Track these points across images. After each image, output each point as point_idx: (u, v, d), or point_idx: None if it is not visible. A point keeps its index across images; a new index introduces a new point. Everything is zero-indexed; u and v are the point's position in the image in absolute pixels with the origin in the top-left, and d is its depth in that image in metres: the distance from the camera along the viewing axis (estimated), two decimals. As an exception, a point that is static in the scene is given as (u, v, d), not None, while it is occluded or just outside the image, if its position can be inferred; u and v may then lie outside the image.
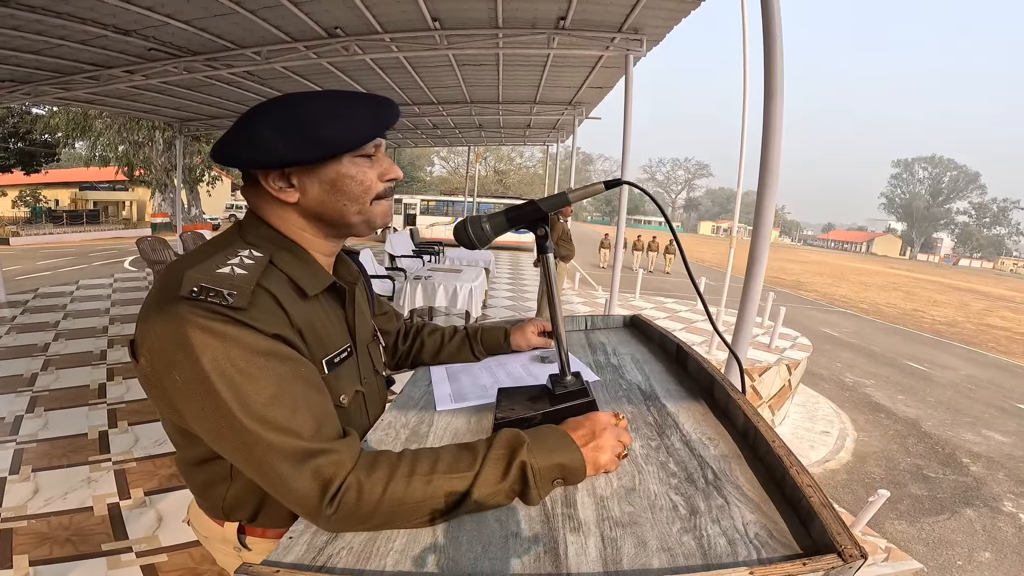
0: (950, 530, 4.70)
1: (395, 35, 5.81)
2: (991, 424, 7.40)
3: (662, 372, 1.03)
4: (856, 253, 76.82)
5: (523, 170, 45.58)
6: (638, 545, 0.55)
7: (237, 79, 7.53)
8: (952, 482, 5.60)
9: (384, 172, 0.80)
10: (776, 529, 0.56)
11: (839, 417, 7.04)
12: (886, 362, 10.46)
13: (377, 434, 0.83)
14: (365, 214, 0.80)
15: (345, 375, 0.81)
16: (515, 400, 0.86)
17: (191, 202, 24.38)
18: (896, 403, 7.86)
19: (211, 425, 0.63)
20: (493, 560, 0.55)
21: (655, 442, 0.75)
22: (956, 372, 10.36)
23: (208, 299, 0.62)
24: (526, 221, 0.83)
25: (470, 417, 0.89)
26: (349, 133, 0.74)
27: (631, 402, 0.89)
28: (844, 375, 9.05)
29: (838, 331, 13.17)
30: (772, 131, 2.56)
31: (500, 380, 1.02)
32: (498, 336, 1.20)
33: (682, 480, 0.65)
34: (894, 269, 44.30)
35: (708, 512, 0.59)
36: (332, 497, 0.60)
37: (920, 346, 12.68)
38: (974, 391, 9.07)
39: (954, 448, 6.42)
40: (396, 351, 1.19)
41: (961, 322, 17.59)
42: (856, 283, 26.83)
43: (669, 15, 5.07)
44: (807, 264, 37.23)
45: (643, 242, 20.81)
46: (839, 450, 6.08)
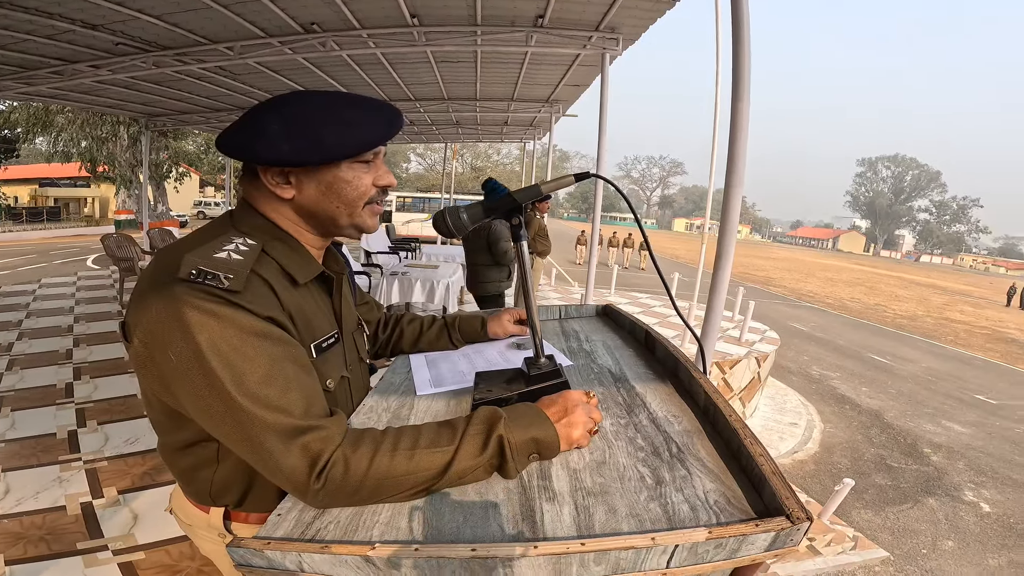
0: (914, 519, 4.84)
1: (373, 31, 5.77)
2: (950, 415, 7.69)
3: (632, 356, 1.09)
4: (823, 250, 79.06)
5: (500, 167, 45.56)
6: (609, 512, 0.59)
7: (208, 74, 7.37)
8: (914, 472, 5.78)
9: (379, 178, 0.83)
10: (733, 496, 0.61)
11: (807, 409, 7.23)
12: (850, 355, 10.81)
13: (360, 417, 0.86)
14: (355, 218, 0.82)
15: (332, 360, 0.84)
16: (492, 382, 0.91)
17: (157, 199, 23.69)
18: (860, 395, 8.12)
19: (204, 403, 0.65)
20: (474, 528, 0.59)
21: (624, 420, 0.80)
22: (917, 364, 10.77)
23: (206, 282, 0.65)
24: (502, 211, 0.88)
25: (449, 400, 0.92)
26: (354, 140, 0.77)
27: (602, 384, 0.95)
28: (811, 368, 9.32)
29: (805, 325, 13.56)
30: (739, 131, 2.65)
31: (477, 366, 1.05)
32: (475, 324, 1.24)
33: (649, 453, 0.70)
34: (858, 265, 45.74)
35: (672, 482, 0.64)
36: (320, 472, 0.62)
37: (883, 339, 13.13)
38: (934, 383, 9.43)
39: (915, 438, 6.64)
40: (376, 340, 1.22)
41: (922, 316, 18.29)
42: (822, 279, 27.64)
43: (645, 15, 5.15)
44: (776, 260, 38.16)
45: (618, 239, 21.11)
46: (807, 441, 6.23)
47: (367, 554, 0.55)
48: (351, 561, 0.55)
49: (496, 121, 11.90)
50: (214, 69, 6.92)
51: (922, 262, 75.59)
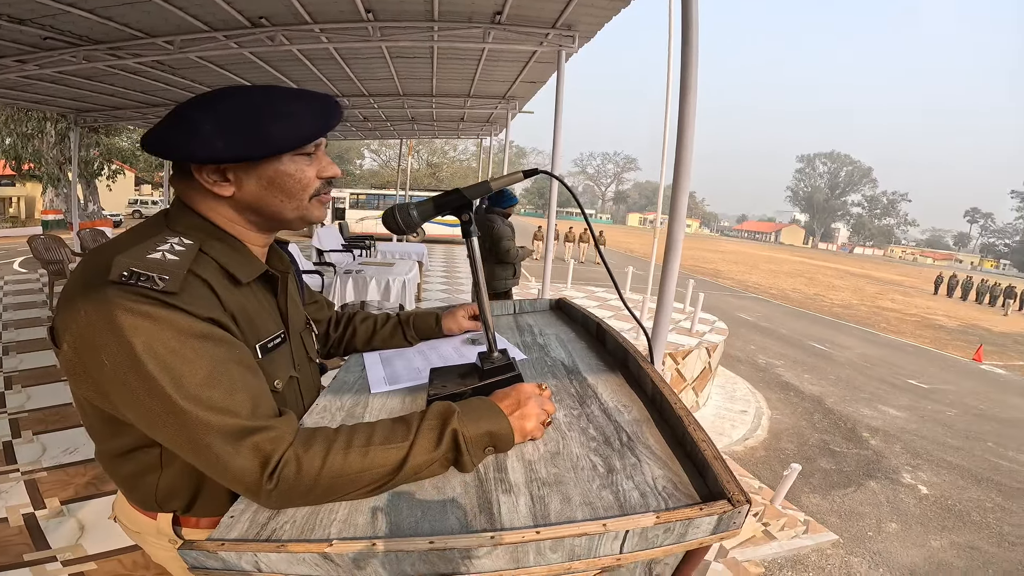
0: (858, 502, 5.01)
1: (326, 26, 5.62)
2: (885, 399, 8.13)
3: (584, 349, 1.12)
4: (766, 243, 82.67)
5: (456, 163, 45.25)
6: (563, 501, 0.61)
7: (145, 68, 6.99)
8: (855, 456, 6.02)
9: (322, 170, 0.81)
10: (680, 481, 0.64)
11: (755, 396, 7.51)
12: (793, 343, 11.35)
13: (313, 417, 0.85)
14: (302, 210, 0.81)
15: (279, 361, 0.82)
16: (447, 378, 0.92)
17: (88, 198, 22.27)
18: (803, 381, 8.51)
19: (144, 409, 0.63)
20: (432, 522, 0.60)
21: (576, 411, 0.83)
22: (853, 351, 11.39)
23: (139, 283, 0.62)
24: (451, 208, 0.89)
25: (404, 397, 0.93)
26: (292, 133, 0.75)
27: (555, 376, 0.97)
28: (757, 357, 9.73)
29: (752, 315, 14.17)
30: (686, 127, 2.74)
31: (432, 362, 1.06)
32: (430, 321, 1.23)
33: (600, 443, 0.73)
34: (798, 257, 48.05)
35: (623, 470, 0.67)
36: (272, 472, 0.62)
37: (822, 328, 13.84)
38: (869, 368, 9.99)
39: (855, 423, 6.97)
40: (328, 339, 1.20)
41: (856, 305, 19.40)
42: (766, 271, 28.89)
43: (601, 12, 5.23)
44: (724, 253, 39.59)
45: (575, 234, 21.44)
46: (756, 428, 6.45)
47: (324, 551, 0.55)
48: (309, 559, 0.55)
49: (452, 117, 11.82)
50: (151, 64, 6.56)
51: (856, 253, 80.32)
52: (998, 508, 5.06)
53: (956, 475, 5.75)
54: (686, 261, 27.65)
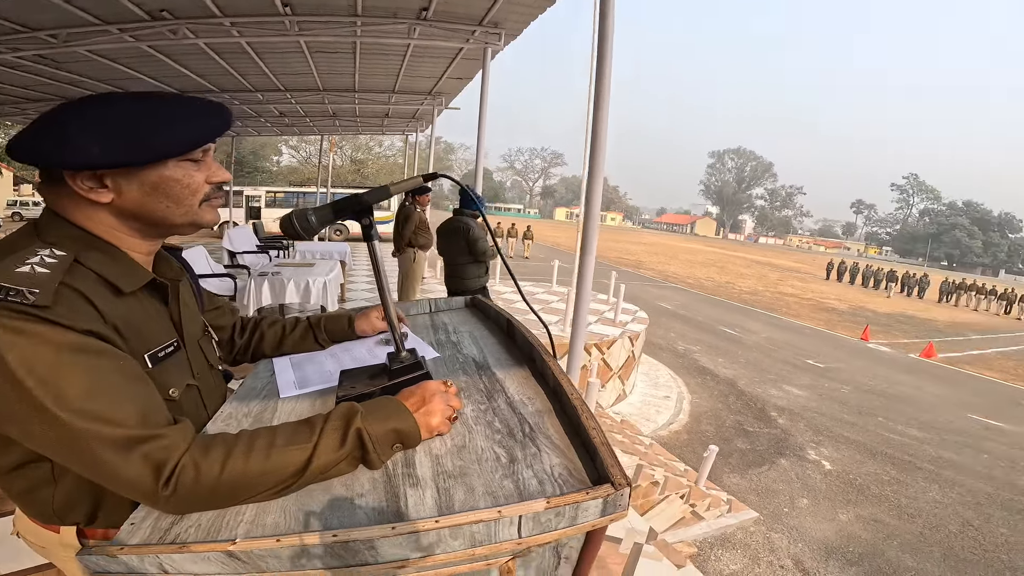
0: (772, 479, 5.36)
1: (237, 19, 5.32)
2: (789, 379, 8.80)
3: (495, 345, 1.17)
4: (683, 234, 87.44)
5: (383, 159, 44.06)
6: (467, 491, 0.66)
7: (24, 63, 6.29)
8: (767, 435, 6.43)
9: (211, 175, 0.81)
10: (574, 468, 0.70)
11: (676, 382, 7.94)
12: (708, 329, 12.10)
13: (217, 425, 0.84)
14: (191, 216, 0.80)
15: (173, 369, 0.81)
16: (356, 379, 0.94)
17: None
18: (718, 365, 9.09)
19: (26, 426, 0.62)
20: (341, 518, 0.62)
21: (484, 405, 0.88)
22: (759, 335, 12.31)
23: (8, 299, 0.60)
24: (351, 212, 0.90)
25: (315, 401, 0.93)
26: (179, 138, 0.74)
27: (466, 372, 1.02)
28: (677, 343, 10.30)
29: (671, 304, 14.94)
30: (599, 124, 2.88)
31: (345, 365, 1.06)
32: (342, 323, 1.22)
33: (504, 435, 0.78)
34: (711, 247, 51.20)
35: (524, 460, 0.72)
36: (168, 479, 0.62)
37: (732, 314, 14.86)
38: (774, 351, 10.84)
39: (764, 403, 7.48)
40: (233, 346, 1.17)
41: (761, 291, 21.00)
42: (684, 261, 30.61)
43: (527, 10, 5.31)
44: (645, 245, 41.41)
45: (502, 229, 21.66)
46: (679, 412, 6.81)
47: (228, 549, 0.56)
48: (214, 557, 0.56)
49: (377, 113, 11.53)
50: (33, 57, 5.95)
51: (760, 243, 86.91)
52: (894, 481, 5.53)
53: (854, 450, 6.23)
54: (611, 253, 28.68)
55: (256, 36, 5.66)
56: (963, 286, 25.79)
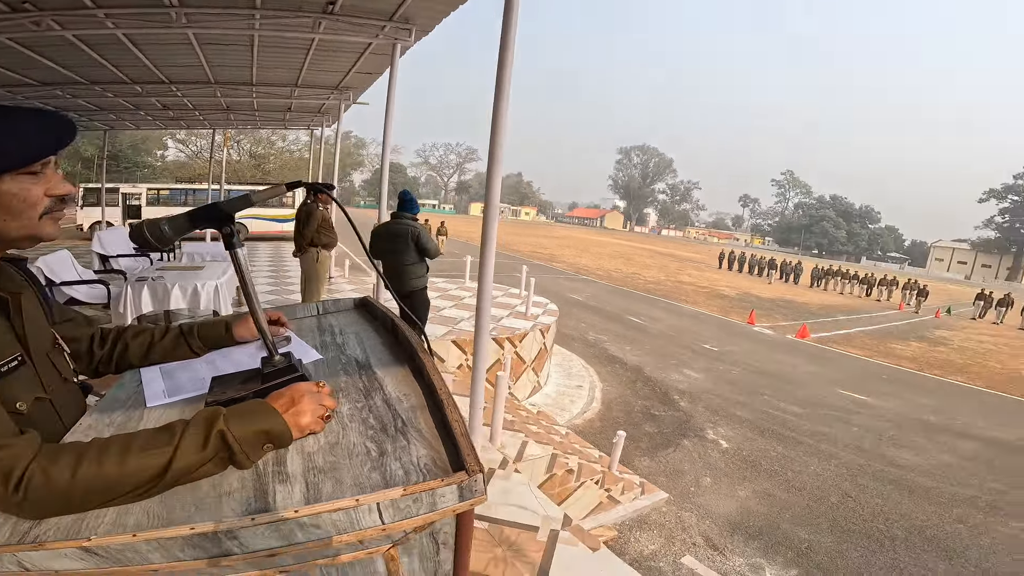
0: (678, 460, 5.68)
1: (113, 11, 4.81)
2: (689, 364, 9.42)
3: (379, 345, 1.22)
4: (593, 228, 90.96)
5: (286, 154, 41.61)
6: (336, 484, 0.70)
7: None
8: (671, 418, 6.83)
9: (51, 188, 0.79)
10: (439, 458, 0.76)
11: (588, 371, 8.27)
12: (616, 319, 12.70)
13: (76, 435, 0.83)
14: (30, 229, 0.79)
15: (19, 384, 0.80)
16: (228, 385, 0.94)
17: None
18: (626, 353, 9.56)
19: None
20: (206, 515, 0.65)
21: (360, 403, 0.92)
22: (662, 322, 13.11)
23: None
24: (211, 221, 0.88)
25: (184, 409, 0.93)
26: (14, 152, 0.73)
27: (347, 373, 1.05)
28: (588, 334, 10.72)
29: (582, 296, 15.49)
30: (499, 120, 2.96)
31: (222, 371, 1.05)
32: (219, 329, 1.19)
33: (377, 431, 0.83)
34: (618, 240, 53.63)
35: (393, 452, 0.77)
36: (16, 486, 0.63)
37: (639, 303, 15.68)
38: (675, 337, 11.57)
39: (667, 388, 7.95)
40: (92, 357, 1.12)
41: (663, 281, 22.35)
42: (594, 254, 31.78)
43: (439, 7, 5.24)
44: (558, 239, 42.55)
45: (430, 226, 21.29)
46: (592, 401, 7.08)
47: (84, 545, 0.58)
48: (71, 553, 0.59)
49: (278, 107, 10.88)
50: None
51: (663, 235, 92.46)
52: (781, 457, 6.03)
53: (746, 428, 6.75)
54: (525, 248, 29.20)
55: (135, 28, 5.17)
56: (831, 272, 29.07)
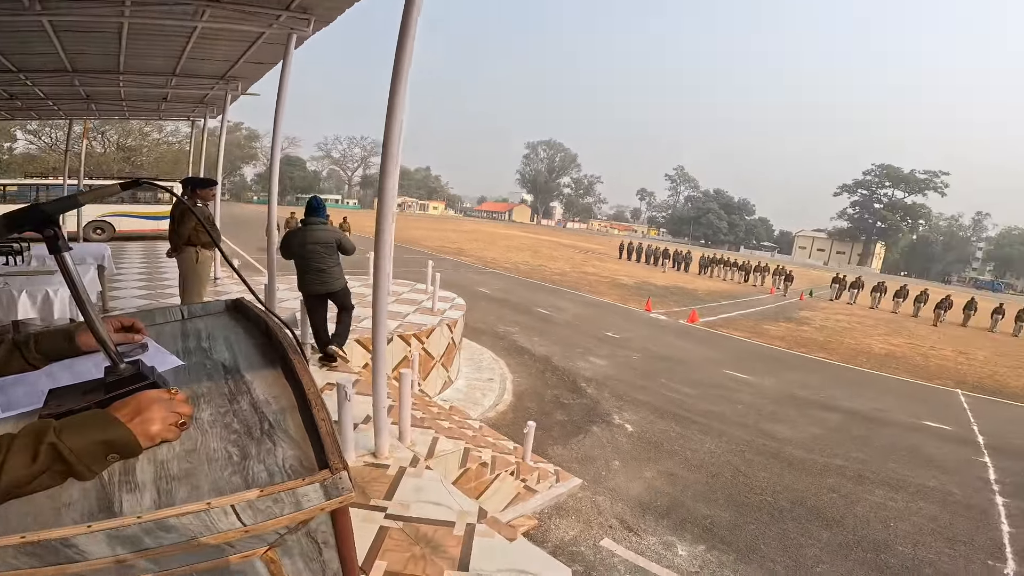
0: (589, 446, 5.88)
1: None
2: (593, 352, 9.85)
3: (251, 347, 1.18)
4: (502, 221, 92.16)
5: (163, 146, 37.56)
6: (191, 490, 0.69)
7: None
8: (580, 405, 7.09)
9: None
10: (306, 458, 0.76)
11: (498, 364, 8.39)
12: (524, 311, 12.99)
13: None
14: None
15: None
16: (66, 397, 0.88)
17: None
18: (534, 344, 9.82)
19: None
20: (44, 524, 0.62)
21: (224, 408, 0.90)
22: (568, 312, 13.61)
23: None
24: (29, 223, 0.82)
25: (19, 423, 0.86)
26: None
27: (211, 378, 1.01)
28: (497, 326, 10.88)
29: (490, 289, 15.66)
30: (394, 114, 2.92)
31: (62, 383, 0.97)
32: (59, 339, 1.10)
33: (241, 435, 0.81)
34: (526, 233, 54.69)
35: (257, 455, 0.76)
36: None
37: (545, 294, 16.15)
38: (580, 326, 12.05)
39: (575, 376, 8.25)
40: None
41: (569, 272, 23.17)
42: (502, 247, 32.21)
43: None
44: (466, 233, 42.54)
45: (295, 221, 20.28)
46: (504, 393, 7.18)
47: None
48: None
49: (151, 97, 9.76)
50: None
51: (568, 228, 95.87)
52: (679, 436, 6.45)
53: (647, 411, 7.14)
54: (433, 242, 28.87)
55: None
56: (715, 260, 31.80)
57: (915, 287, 26.40)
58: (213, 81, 8.58)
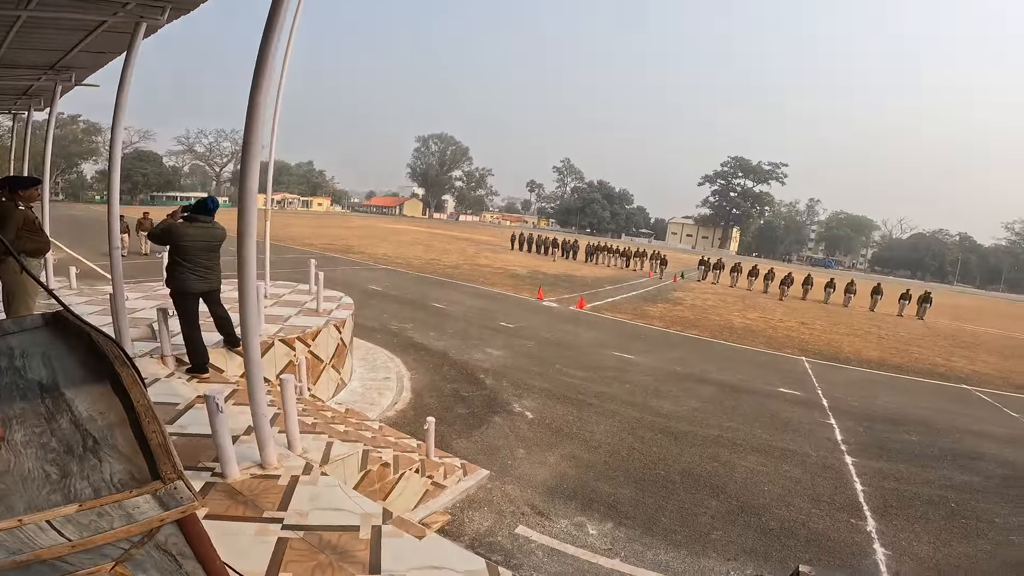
0: (492, 437, 5.90)
1: None
2: (489, 342, 9.95)
3: (75, 363, 1.07)
4: (392, 216, 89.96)
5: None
6: (5, 511, 0.61)
7: None
8: (480, 397, 7.11)
9: None
10: (139, 471, 0.71)
11: (394, 362, 8.19)
12: (418, 306, 12.80)
13: None
14: None
15: None
16: None
17: None
18: (430, 340, 9.71)
19: None
20: None
21: (40, 428, 0.82)
22: (463, 305, 13.63)
23: None
24: None
25: None
26: None
27: (25, 399, 0.92)
28: (391, 323, 10.60)
29: (381, 286, 15.19)
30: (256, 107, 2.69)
31: None
32: None
33: (60, 453, 0.74)
34: (418, 227, 54.02)
35: (81, 472, 0.70)
36: None
37: (440, 289, 16.03)
38: (475, 318, 12.13)
39: (473, 368, 8.28)
40: None
41: (462, 265, 23.22)
42: (393, 242, 31.43)
43: None
44: (355, 229, 40.92)
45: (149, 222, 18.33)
46: (402, 391, 7.02)
47: None
48: None
49: (-45, 87, 8.02)
50: None
51: (461, 221, 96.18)
52: (577, 420, 6.68)
53: (545, 397, 7.34)
54: (319, 240, 27.33)
55: None
56: (600, 248, 33.79)
57: (763, 266, 30.15)
58: (40, 72, 7.29)
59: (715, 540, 4.44)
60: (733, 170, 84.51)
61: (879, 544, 4.64)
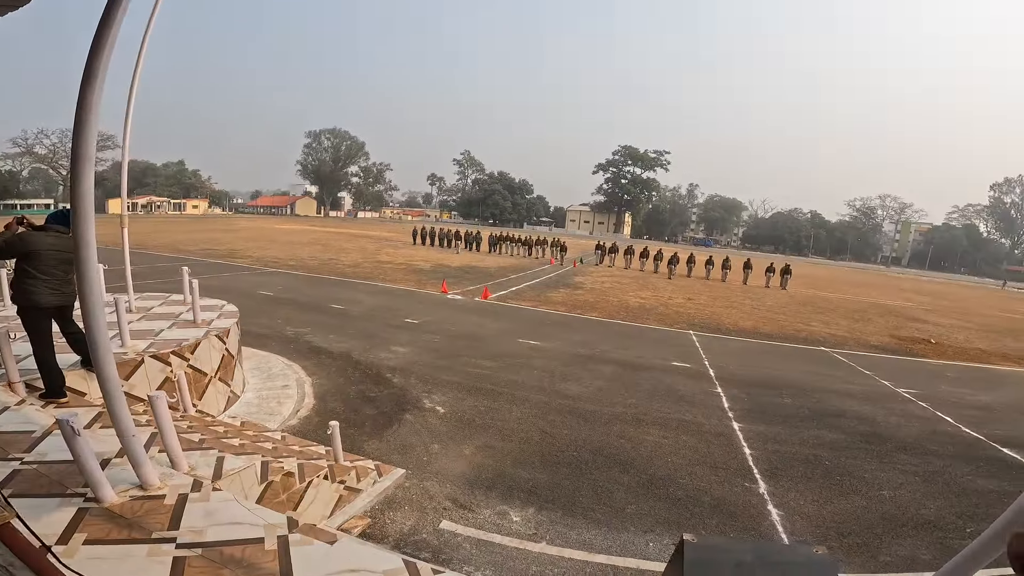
0: (405, 435, 5.78)
1: None
2: (395, 340, 9.72)
3: None
4: (283, 216, 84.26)
5: None
6: None
7: None
8: (388, 395, 6.94)
9: None
10: None
11: (292, 369, 7.76)
12: (316, 309, 12.18)
13: None
14: None
15: None
16: None
17: None
18: (330, 342, 9.28)
19: None
20: None
21: None
22: (364, 304, 13.18)
23: None
24: None
25: None
26: None
27: None
28: (285, 329, 9.99)
29: (273, 290, 14.23)
30: (87, 112, 2.41)
31: None
32: None
33: None
34: (313, 227, 51.10)
35: None
36: None
37: (339, 289, 15.37)
38: (378, 317, 11.79)
39: (379, 367, 8.05)
40: None
41: (362, 262, 22.42)
42: (284, 243, 29.53)
43: None
44: (238, 232, 37.80)
45: None
46: (304, 397, 6.68)
47: None
48: None
49: None
50: None
51: (359, 218, 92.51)
52: (488, 410, 6.69)
53: (455, 390, 7.30)
54: (194, 246, 24.89)
55: None
56: (502, 238, 34.24)
57: (653, 248, 32.31)
58: None
59: (631, 514, 4.64)
60: (623, 158, 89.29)
61: (772, 505, 4.96)
